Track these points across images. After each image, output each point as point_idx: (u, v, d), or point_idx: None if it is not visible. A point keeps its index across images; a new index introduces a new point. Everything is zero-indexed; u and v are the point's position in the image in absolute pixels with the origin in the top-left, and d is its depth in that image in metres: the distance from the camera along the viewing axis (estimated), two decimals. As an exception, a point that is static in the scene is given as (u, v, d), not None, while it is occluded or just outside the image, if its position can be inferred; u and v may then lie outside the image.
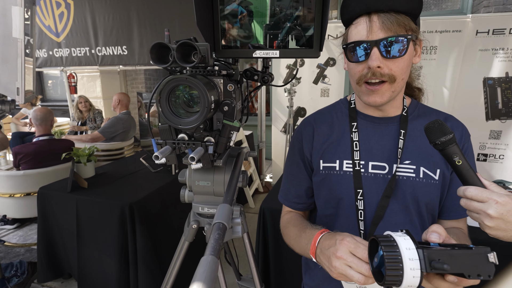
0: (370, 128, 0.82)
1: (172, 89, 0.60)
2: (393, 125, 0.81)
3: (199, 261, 0.42)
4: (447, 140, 0.60)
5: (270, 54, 0.68)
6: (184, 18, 3.25)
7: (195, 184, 0.80)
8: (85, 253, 1.96)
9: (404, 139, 0.78)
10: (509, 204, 0.55)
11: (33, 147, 2.70)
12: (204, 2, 0.65)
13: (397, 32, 0.66)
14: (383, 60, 0.68)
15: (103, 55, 3.72)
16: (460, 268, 0.48)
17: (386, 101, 0.73)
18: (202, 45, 0.57)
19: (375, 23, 0.67)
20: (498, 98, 3.19)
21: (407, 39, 0.66)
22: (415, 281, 0.48)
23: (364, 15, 0.69)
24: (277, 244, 1.66)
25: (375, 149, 0.80)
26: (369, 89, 0.72)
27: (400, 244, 0.50)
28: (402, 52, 0.67)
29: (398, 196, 0.76)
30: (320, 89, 3.51)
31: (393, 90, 0.72)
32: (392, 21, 0.66)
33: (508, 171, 3.32)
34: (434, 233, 0.54)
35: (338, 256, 0.59)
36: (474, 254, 0.48)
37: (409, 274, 0.48)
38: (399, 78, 0.71)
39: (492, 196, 0.55)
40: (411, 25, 0.68)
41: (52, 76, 6.67)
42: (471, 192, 0.57)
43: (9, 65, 1.23)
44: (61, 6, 3.79)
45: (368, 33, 0.68)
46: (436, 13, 4.01)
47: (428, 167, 0.77)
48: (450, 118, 0.83)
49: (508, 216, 0.54)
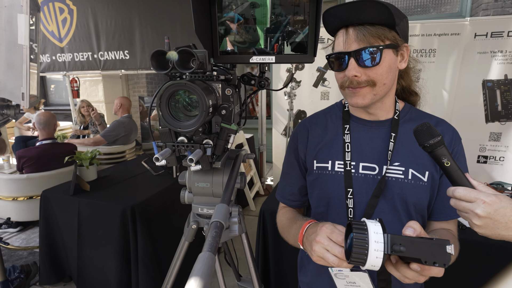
0: (362, 130, 0.85)
1: (172, 94, 0.63)
2: (384, 128, 0.84)
3: (197, 257, 0.45)
4: (436, 142, 0.62)
5: (266, 60, 0.71)
6: (185, 23, 3.29)
7: (195, 186, 0.82)
8: (85, 255, 1.98)
9: (395, 142, 0.81)
10: (496, 203, 0.57)
11: (36, 151, 2.73)
12: (203, 10, 0.68)
13: (371, 42, 0.71)
14: (359, 69, 0.73)
15: (106, 59, 3.76)
16: (417, 254, 0.53)
17: (368, 103, 0.77)
18: (200, 52, 0.60)
19: (350, 36, 0.72)
20: (498, 100, 3.20)
21: (379, 48, 0.71)
22: (378, 262, 0.53)
23: (342, 28, 0.74)
24: (277, 245, 1.68)
25: (366, 151, 0.83)
26: (351, 91, 0.77)
27: (369, 229, 0.55)
28: (377, 61, 0.71)
29: (387, 196, 0.80)
30: (320, 92, 3.54)
31: (375, 93, 0.76)
32: (365, 33, 0.70)
33: (509, 173, 3.32)
34: (409, 228, 0.59)
35: (317, 240, 0.65)
36: (433, 244, 0.53)
37: (373, 254, 0.53)
38: (380, 83, 0.75)
39: (480, 196, 0.57)
40: (386, 34, 0.72)
41: (55, 80, 6.73)
42: (460, 192, 0.60)
43: (15, 71, 1.26)
44: (64, 12, 3.85)
45: (345, 45, 0.73)
46: (435, 16, 4.04)
47: (417, 169, 0.79)
48: (442, 122, 0.86)
49: (495, 215, 0.56)
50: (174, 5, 3.30)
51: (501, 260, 1.34)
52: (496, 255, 1.36)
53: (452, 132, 0.84)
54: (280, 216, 0.97)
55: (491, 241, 1.33)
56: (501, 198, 0.57)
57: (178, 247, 0.91)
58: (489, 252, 1.36)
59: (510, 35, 3.01)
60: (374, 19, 0.71)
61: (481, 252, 1.37)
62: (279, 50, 0.72)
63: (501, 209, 0.56)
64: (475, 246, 1.37)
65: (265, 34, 0.71)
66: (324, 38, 3.29)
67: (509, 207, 0.56)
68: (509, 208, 0.56)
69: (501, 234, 0.58)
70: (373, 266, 0.54)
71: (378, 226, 0.56)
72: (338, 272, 0.84)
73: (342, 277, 0.84)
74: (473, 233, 1.49)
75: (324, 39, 3.29)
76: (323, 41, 3.31)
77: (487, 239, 1.40)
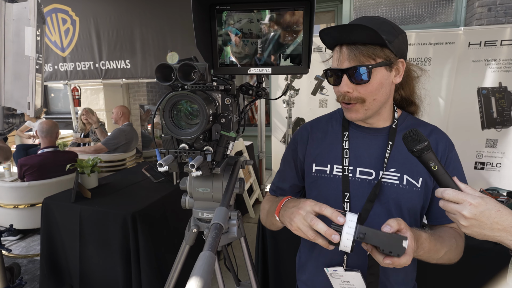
0: (361, 137, 0.89)
1: (175, 104, 0.67)
2: (381, 136, 0.88)
3: (198, 256, 0.48)
4: (423, 148, 0.65)
5: (263, 71, 0.75)
6: (186, 34, 3.36)
7: (195, 191, 0.85)
8: (87, 262, 1.99)
9: (391, 150, 0.85)
10: (481, 205, 0.59)
11: (38, 159, 2.76)
12: (203, 26, 0.73)
13: (361, 61, 0.76)
14: (351, 85, 0.78)
15: (107, 68, 3.83)
16: (376, 243, 0.64)
17: (361, 117, 0.83)
18: (201, 65, 0.64)
19: (343, 54, 0.78)
20: (493, 108, 3.25)
21: (368, 68, 0.75)
22: (348, 243, 0.64)
23: (338, 45, 0.81)
24: (276, 251, 1.70)
25: (364, 157, 0.87)
26: (345, 107, 0.84)
27: (347, 217, 0.66)
28: (366, 78, 0.76)
29: (382, 200, 0.83)
30: (318, 100, 3.59)
31: (366, 109, 0.81)
32: (356, 52, 0.76)
33: (506, 179, 3.35)
34: (387, 225, 0.66)
35: (299, 212, 0.69)
36: (392, 237, 0.64)
37: (345, 237, 0.64)
38: (370, 99, 0.80)
39: (467, 198, 0.60)
40: (377, 53, 0.76)
41: (55, 89, 6.80)
42: (449, 194, 0.62)
43: (21, 81, 1.31)
44: (67, 23, 3.93)
45: (338, 62, 0.79)
46: (430, 25, 4.12)
47: (412, 176, 0.83)
48: (436, 131, 0.90)
49: (481, 217, 0.59)
50: (175, 16, 3.38)
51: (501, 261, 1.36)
52: (494, 261, 1.38)
53: (445, 140, 0.88)
54: (264, 202, 1.03)
55: (489, 245, 1.35)
56: (487, 201, 0.60)
57: (179, 250, 0.94)
58: (483, 257, 1.38)
59: (503, 44, 3.08)
60: (365, 39, 0.76)
61: (476, 256, 1.39)
62: (275, 62, 0.76)
63: (486, 211, 0.59)
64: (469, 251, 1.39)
65: (262, 47, 0.75)
66: (321, 47, 3.36)
67: (494, 209, 0.59)
68: (494, 210, 0.59)
69: (486, 234, 0.60)
70: (345, 247, 0.65)
71: (354, 217, 0.66)
72: (333, 272, 0.87)
73: (337, 277, 0.87)
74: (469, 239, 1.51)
75: (322, 48, 3.36)
76: (320, 50, 3.37)
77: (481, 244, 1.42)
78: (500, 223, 0.59)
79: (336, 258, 0.88)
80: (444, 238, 0.79)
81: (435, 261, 0.79)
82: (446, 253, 0.78)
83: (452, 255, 0.81)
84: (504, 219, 0.59)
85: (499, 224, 0.59)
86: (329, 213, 0.66)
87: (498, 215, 0.59)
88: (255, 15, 0.73)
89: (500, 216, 0.59)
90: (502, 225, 0.59)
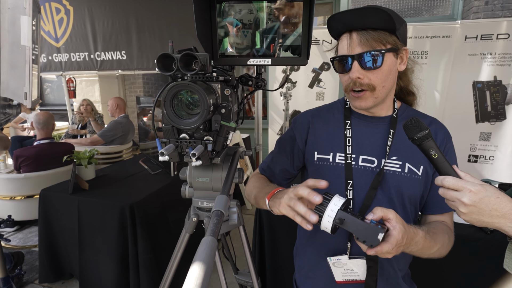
0: (363, 125, 0.91)
1: (175, 94, 0.68)
2: (383, 124, 0.90)
3: (201, 241, 0.49)
4: (424, 136, 0.66)
5: (263, 62, 0.76)
6: (182, 24, 3.32)
7: (195, 180, 0.87)
8: (86, 252, 2.01)
9: (393, 138, 0.87)
10: (481, 192, 0.60)
11: (34, 150, 2.75)
12: (204, 16, 0.73)
13: (373, 47, 0.76)
14: (362, 71, 0.78)
15: (102, 60, 3.78)
16: (353, 230, 0.66)
17: (370, 105, 0.83)
18: (202, 55, 0.65)
19: (354, 40, 0.77)
20: (487, 101, 3.29)
21: (381, 52, 0.76)
22: (328, 225, 0.67)
23: (346, 32, 0.79)
24: (273, 241, 1.73)
25: (366, 145, 0.89)
26: (354, 96, 0.83)
27: (332, 201, 0.68)
28: (378, 64, 0.77)
29: (384, 188, 0.85)
30: (316, 93, 3.60)
31: (376, 97, 0.82)
32: (368, 37, 0.76)
33: (498, 172, 3.40)
34: (371, 213, 0.67)
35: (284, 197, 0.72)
36: (369, 227, 0.65)
37: (325, 219, 0.67)
38: (379, 86, 0.80)
39: (467, 186, 0.61)
40: (387, 39, 0.77)
41: (49, 80, 6.71)
42: (449, 181, 0.63)
43: (17, 71, 1.30)
44: (61, 12, 3.86)
45: (349, 48, 0.78)
46: (428, 18, 4.12)
47: (413, 164, 0.85)
48: (435, 121, 0.92)
49: (480, 204, 0.60)
50: (171, 6, 3.33)
51: (488, 254, 1.40)
52: (483, 249, 1.42)
53: (444, 130, 0.90)
54: (253, 177, 1.03)
55: (478, 236, 1.39)
56: (486, 188, 0.61)
57: (179, 238, 0.96)
58: (476, 247, 1.43)
59: (499, 38, 3.09)
60: (376, 24, 0.76)
61: (469, 246, 1.43)
62: (274, 53, 0.77)
63: (485, 198, 0.60)
64: (461, 240, 1.44)
65: (262, 38, 0.76)
66: (319, 40, 3.36)
67: (493, 196, 0.60)
68: (493, 197, 0.60)
69: (485, 221, 0.61)
70: (325, 228, 0.68)
71: (340, 201, 0.68)
72: (336, 261, 0.88)
73: (340, 265, 0.88)
74: (462, 228, 1.54)
75: (319, 40, 3.36)
76: (318, 42, 3.37)
77: (474, 234, 1.46)
78: (499, 209, 0.60)
79: (338, 247, 0.89)
80: (438, 235, 0.80)
81: (426, 256, 0.79)
82: (438, 249, 0.79)
83: (444, 250, 0.82)
84: (503, 205, 0.60)
85: (498, 211, 0.60)
86: (306, 193, 0.68)
87: (497, 202, 0.60)
88: (255, 6, 0.73)
89: (499, 203, 0.60)
90: (501, 212, 0.60)
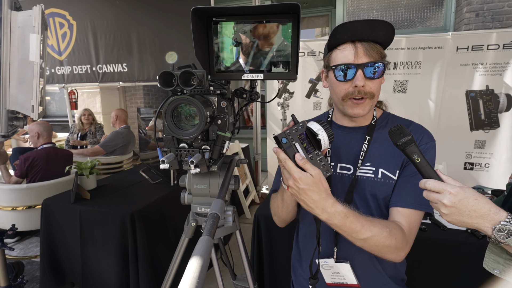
0: (340, 136, 0.97)
1: (176, 107, 0.74)
2: (360, 133, 0.96)
3: (198, 240, 0.55)
4: (406, 141, 0.71)
5: (256, 77, 0.83)
6: (182, 37, 3.43)
7: (194, 187, 0.92)
8: (89, 260, 2.04)
9: (368, 144, 0.93)
10: (460, 194, 0.64)
11: (43, 151, 2.85)
12: (201, 36, 0.80)
13: (376, 58, 0.83)
14: (365, 80, 0.84)
15: (104, 72, 3.87)
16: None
17: (366, 112, 0.89)
18: (199, 72, 0.72)
19: (360, 50, 0.83)
20: (481, 110, 3.35)
21: (383, 64, 0.83)
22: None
23: (349, 42, 0.85)
24: (271, 248, 1.76)
25: (343, 153, 0.96)
26: (354, 103, 0.87)
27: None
28: (380, 74, 0.84)
29: (360, 192, 0.91)
30: (313, 103, 3.68)
31: (372, 104, 0.89)
32: (373, 48, 0.83)
33: (494, 179, 3.45)
34: None
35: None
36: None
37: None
38: (376, 94, 0.88)
39: (447, 188, 0.65)
40: (383, 53, 0.85)
41: (51, 92, 6.81)
42: (430, 184, 0.67)
43: (25, 86, 1.36)
44: (64, 27, 3.98)
45: (355, 57, 0.84)
46: (421, 30, 4.24)
47: (388, 169, 0.90)
48: (413, 125, 0.96)
49: (460, 205, 0.64)
50: (171, 20, 3.45)
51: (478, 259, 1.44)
52: (475, 254, 1.46)
53: (422, 130, 0.92)
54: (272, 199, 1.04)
55: (470, 240, 1.43)
56: (465, 190, 0.65)
57: (179, 243, 1.01)
58: (467, 251, 1.47)
59: (489, 48, 3.19)
60: (379, 38, 0.83)
61: (459, 251, 1.47)
62: (266, 68, 0.84)
63: (464, 199, 0.63)
64: (453, 245, 1.48)
65: (254, 55, 0.83)
66: (315, 51, 3.45)
67: (472, 198, 0.64)
68: (471, 198, 0.64)
69: (465, 221, 0.65)
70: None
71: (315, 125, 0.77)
72: (324, 264, 0.94)
73: (327, 268, 0.94)
74: (453, 233, 1.58)
75: (316, 52, 3.46)
76: (314, 54, 3.46)
77: (466, 238, 1.50)
78: (477, 210, 0.63)
79: (326, 251, 0.95)
80: (374, 223, 0.78)
81: (360, 244, 0.78)
82: (371, 238, 0.76)
83: (381, 242, 0.77)
84: (481, 207, 0.63)
85: (476, 211, 0.63)
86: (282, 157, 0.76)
87: (475, 203, 0.63)
88: (249, 27, 0.80)
89: (477, 204, 0.63)
90: (479, 213, 0.63)
